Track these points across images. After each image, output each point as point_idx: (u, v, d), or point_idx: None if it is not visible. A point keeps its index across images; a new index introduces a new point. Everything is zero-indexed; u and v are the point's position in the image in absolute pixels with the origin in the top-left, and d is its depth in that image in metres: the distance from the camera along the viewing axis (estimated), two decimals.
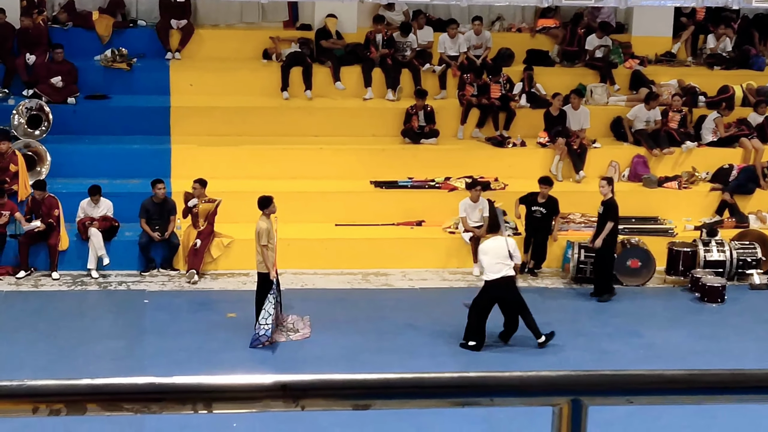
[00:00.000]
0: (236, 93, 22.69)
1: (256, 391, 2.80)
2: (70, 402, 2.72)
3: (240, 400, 2.81)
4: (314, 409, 2.82)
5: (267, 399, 2.78)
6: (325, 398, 2.81)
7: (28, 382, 2.72)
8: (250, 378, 2.79)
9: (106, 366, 15.02)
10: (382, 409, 2.88)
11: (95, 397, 2.73)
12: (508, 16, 25.73)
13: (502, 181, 21.35)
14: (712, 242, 19.84)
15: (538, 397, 2.90)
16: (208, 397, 2.78)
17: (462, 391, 2.88)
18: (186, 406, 2.76)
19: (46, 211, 19.01)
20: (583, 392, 2.85)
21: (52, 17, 23.61)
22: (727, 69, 24.80)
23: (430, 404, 2.91)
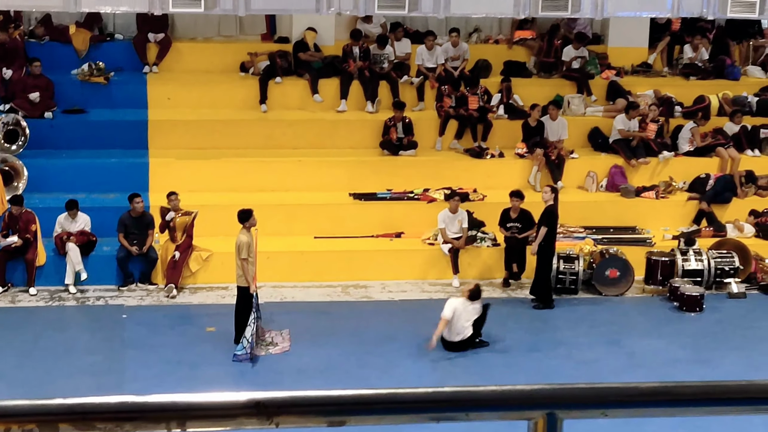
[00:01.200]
0: (214, 106, 22.66)
1: (230, 409, 2.78)
2: (43, 422, 2.71)
3: (214, 418, 2.80)
4: (289, 426, 2.81)
5: (241, 417, 2.77)
6: (300, 415, 2.80)
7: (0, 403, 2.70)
8: (224, 396, 2.78)
9: (85, 381, 14.96)
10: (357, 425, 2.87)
11: (68, 417, 2.72)
12: (485, 27, 25.78)
13: (481, 192, 21.38)
14: (690, 251, 19.90)
15: (513, 412, 2.90)
16: (182, 416, 2.76)
17: (437, 406, 2.87)
18: (160, 425, 2.75)
19: (23, 227, 18.93)
20: (558, 406, 2.85)
21: (28, 31, 23.53)
22: (702, 79, 24.90)
23: (405, 420, 2.90)
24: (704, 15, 19.22)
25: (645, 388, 2.92)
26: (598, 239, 20.74)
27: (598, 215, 21.48)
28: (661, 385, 2.93)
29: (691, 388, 2.97)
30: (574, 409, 2.89)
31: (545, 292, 18.87)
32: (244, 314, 16.20)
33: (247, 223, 16.66)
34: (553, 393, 2.89)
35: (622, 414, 2.98)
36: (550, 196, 18.87)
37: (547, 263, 18.87)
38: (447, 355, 16.51)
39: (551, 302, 18.88)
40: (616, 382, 2.92)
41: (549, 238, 18.72)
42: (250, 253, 16.40)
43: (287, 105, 23.07)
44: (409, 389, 2.84)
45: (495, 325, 17.81)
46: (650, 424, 13.63)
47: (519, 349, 16.97)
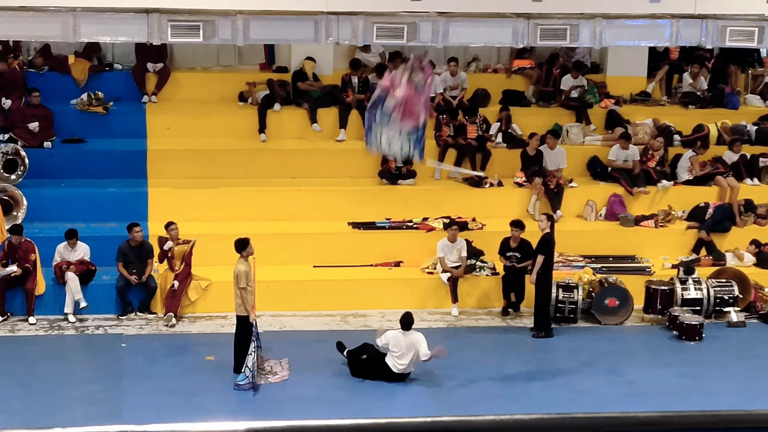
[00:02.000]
0: (213, 135, 22.69)
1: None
2: None
3: None
4: None
5: None
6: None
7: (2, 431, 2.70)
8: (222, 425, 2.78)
9: (84, 410, 14.93)
10: None
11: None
12: (483, 57, 25.84)
13: (480, 221, 21.39)
14: (689, 280, 19.89)
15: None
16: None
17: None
18: None
19: (22, 256, 18.93)
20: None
21: (27, 61, 23.59)
22: (701, 108, 24.95)
23: None
24: (703, 44, 19.26)
25: (643, 418, 2.92)
26: (597, 268, 20.73)
27: (597, 244, 21.48)
28: (659, 414, 2.93)
29: (690, 417, 2.97)
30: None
31: (545, 320, 18.85)
32: (243, 343, 16.17)
33: (245, 252, 16.68)
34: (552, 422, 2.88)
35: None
36: (546, 224, 18.89)
37: (545, 291, 18.85)
38: (446, 384, 16.47)
39: (551, 331, 18.85)
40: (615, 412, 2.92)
41: (546, 266, 18.71)
42: (248, 282, 16.40)
43: (286, 134, 23.10)
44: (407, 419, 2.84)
45: (494, 354, 17.81)
46: None
47: (518, 379, 16.94)
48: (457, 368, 17.16)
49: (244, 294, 16.34)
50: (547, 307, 18.93)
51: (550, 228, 18.85)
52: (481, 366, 17.27)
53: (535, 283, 18.82)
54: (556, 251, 19.77)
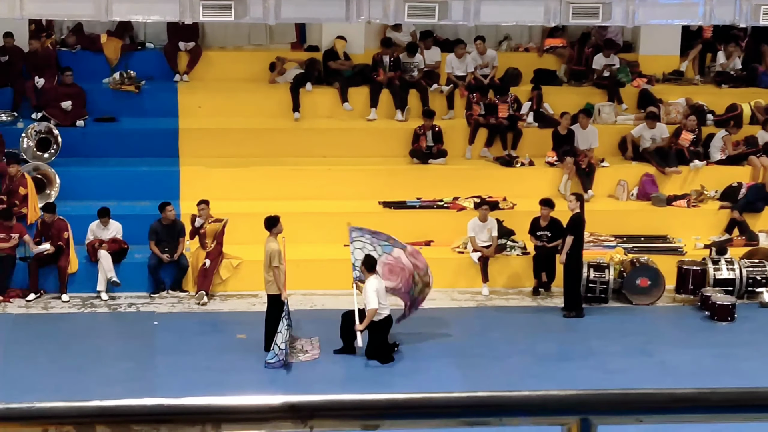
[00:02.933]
0: (244, 114, 22.72)
1: (265, 412, 2.80)
2: (80, 424, 2.72)
3: (249, 421, 2.81)
4: (323, 429, 2.82)
5: (276, 420, 2.78)
6: (334, 419, 2.81)
7: (37, 404, 2.72)
8: (259, 399, 2.79)
9: (116, 387, 15.02)
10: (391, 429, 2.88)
11: (105, 418, 2.74)
12: (515, 35, 25.74)
13: (511, 201, 21.35)
14: (721, 260, 19.80)
15: (547, 417, 2.90)
16: (217, 418, 2.78)
17: (471, 410, 2.87)
18: (195, 428, 2.76)
19: (55, 234, 19.03)
20: (593, 411, 2.84)
21: (60, 40, 23.68)
22: (735, 87, 24.78)
23: (439, 424, 2.90)
24: (736, 22, 19.15)
25: (680, 395, 2.91)
26: (629, 248, 20.65)
27: (629, 224, 21.41)
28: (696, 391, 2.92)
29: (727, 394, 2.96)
30: (609, 415, 2.88)
31: (575, 300, 18.82)
32: (274, 322, 16.23)
33: (275, 230, 16.73)
34: (588, 398, 2.88)
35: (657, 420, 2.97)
36: (575, 204, 18.82)
37: (575, 271, 18.81)
38: (476, 363, 16.49)
39: (581, 311, 18.82)
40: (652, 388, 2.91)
41: (576, 246, 18.66)
42: (280, 261, 16.44)
43: (317, 113, 23.11)
44: (443, 394, 2.84)
45: (524, 334, 17.80)
46: None
47: (549, 358, 16.93)
48: (487, 347, 17.18)
49: (276, 272, 16.39)
50: (577, 287, 18.89)
51: (580, 208, 18.79)
52: (512, 345, 17.27)
53: (564, 263, 18.78)
54: (588, 231, 19.72)
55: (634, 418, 2.91)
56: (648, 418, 2.95)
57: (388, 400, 2.83)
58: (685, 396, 2.90)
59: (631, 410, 2.89)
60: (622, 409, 2.88)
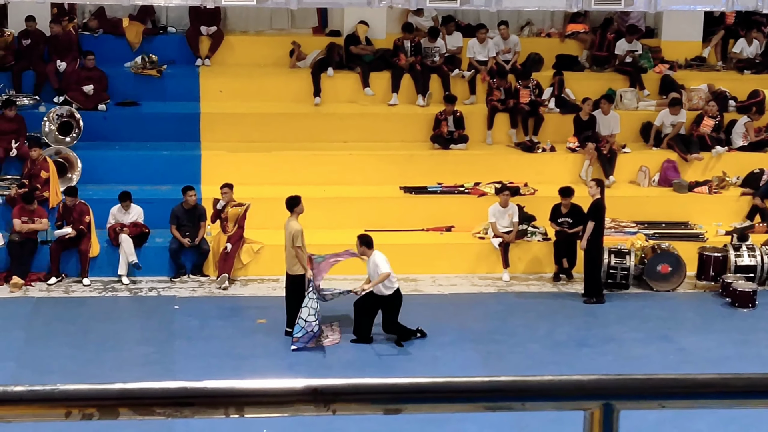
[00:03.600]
0: (266, 99, 22.75)
1: (288, 396, 2.80)
2: (103, 406, 2.74)
3: (271, 405, 2.82)
4: (345, 413, 2.82)
5: (298, 403, 2.79)
6: (357, 402, 2.82)
7: (60, 387, 2.73)
8: (282, 382, 2.80)
9: (137, 371, 15.09)
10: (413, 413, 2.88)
11: (127, 401, 2.75)
12: (537, 21, 25.69)
13: (532, 187, 21.33)
14: (742, 247, 19.74)
15: (569, 402, 2.90)
16: (240, 402, 2.79)
17: (493, 395, 2.88)
18: (218, 411, 2.77)
19: (77, 218, 19.09)
20: (615, 396, 2.84)
21: (82, 24, 23.74)
22: (757, 73, 24.67)
23: (461, 408, 2.90)
24: (759, 8, 19.04)
25: (702, 380, 2.91)
26: (650, 234, 20.61)
27: (650, 210, 21.36)
28: (718, 376, 2.92)
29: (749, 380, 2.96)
30: (631, 400, 2.89)
31: (595, 286, 18.79)
32: (296, 301, 16.29)
33: (296, 210, 16.80)
34: (610, 383, 2.88)
35: (679, 405, 2.97)
36: (596, 190, 18.77)
37: (596, 257, 18.78)
38: (496, 349, 16.50)
39: (602, 297, 18.79)
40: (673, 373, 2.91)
41: (597, 232, 18.62)
42: (302, 240, 16.49)
43: (338, 98, 23.12)
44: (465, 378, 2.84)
45: (545, 320, 17.78)
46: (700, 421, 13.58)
47: (569, 345, 16.93)
48: (507, 333, 17.18)
49: (300, 253, 16.44)
50: (597, 273, 18.86)
51: (600, 193, 18.74)
52: (532, 331, 17.27)
53: (585, 249, 18.75)
54: (609, 217, 19.69)
55: (657, 403, 2.91)
56: (670, 403, 2.95)
57: (410, 384, 2.84)
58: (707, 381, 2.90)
59: (654, 395, 2.89)
60: (645, 394, 2.88)
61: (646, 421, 12.72)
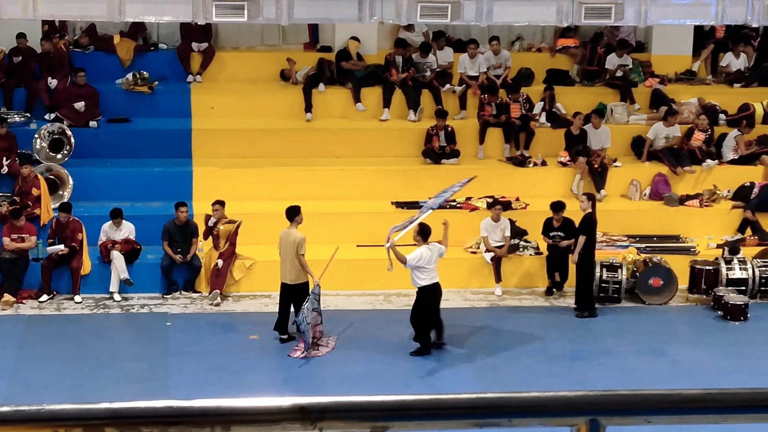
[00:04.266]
0: (257, 115, 22.76)
1: (275, 414, 2.81)
2: (89, 426, 2.74)
3: (258, 423, 2.82)
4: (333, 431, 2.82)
5: (285, 421, 2.80)
6: (343, 420, 2.82)
7: (47, 407, 2.73)
8: (268, 401, 2.80)
9: (129, 388, 15.06)
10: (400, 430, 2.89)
11: (114, 421, 2.75)
12: (527, 35, 25.74)
13: (523, 201, 21.35)
14: (734, 260, 19.76)
15: (556, 418, 2.90)
16: (227, 420, 2.79)
17: (480, 412, 2.88)
18: (204, 429, 2.78)
19: (70, 235, 19.07)
20: (601, 412, 2.85)
21: (73, 41, 23.74)
22: (747, 86, 24.74)
23: (448, 425, 2.91)
24: (748, 22, 19.09)
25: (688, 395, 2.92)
26: (642, 248, 20.63)
27: (642, 224, 21.39)
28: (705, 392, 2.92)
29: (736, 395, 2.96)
30: (617, 416, 2.89)
31: (588, 300, 18.80)
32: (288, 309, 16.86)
33: (298, 218, 17.04)
34: (596, 399, 2.89)
35: (666, 421, 2.97)
36: (587, 204, 18.80)
37: (588, 271, 18.79)
38: (489, 363, 16.49)
39: (594, 311, 18.81)
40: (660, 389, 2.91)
41: (589, 246, 18.64)
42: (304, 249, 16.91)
43: (330, 114, 23.14)
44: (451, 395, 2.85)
45: (538, 334, 17.78)
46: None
47: (562, 358, 16.93)
48: (500, 348, 17.17)
49: (303, 260, 16.74)
50: (590, 287, 18.87)
51: (592, 207, 18.77)
52: (525, 345, 17.27)
53: (577, 263, 18.77)
54: (600, 231, 19.71)
55: (643, 418, 2.92)
56: (656, 419, 2.95)
57: (397, 402, 2.84)
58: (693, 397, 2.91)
59: (639, 411, 2.90)
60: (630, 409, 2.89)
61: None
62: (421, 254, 16.56)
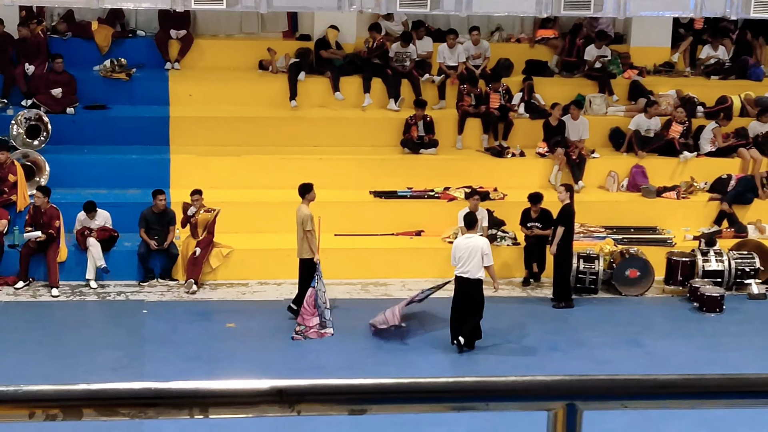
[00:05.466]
0: (235, 103, 22.70)
1: (253, 396, 2.80)
2: (67, 407, 2.73)
3: (236, 405, 2.82)
4: (310, 414, 2.82)
5: (263, 404, 2.79)
6: (321, 403, 2.82)
7: (24, 387, 2.72)
8: (247, 383, 2.80)
9: (105, 375, 15.02)
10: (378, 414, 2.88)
11: (91, 402, 2.74)
12: (507, 26, 25.75)
13: (501, 191, 21.37)
14: (710, 252, 19.84)
15: (532, 402, 2.91)
16: (205, 402, 2.78)
17: (457, 395, 2.89)
18: (182, 411, 2.77)
19: (47, 221, 18.97)
20: (578, 396, 2.86)
21: (51, 27, 23.62)
22: (724, 79, 24.83)
23: (425, 409, 2.91)
24: (727, 15, 19.15)
25: (665, 380, 2.93)
26: (619, 239, 20.70)
27: (619, 215, 21.45)
28: (681, 377, 2.94)
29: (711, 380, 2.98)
30: (594, 400, 2.90)
31: (565, 291, 18.85)
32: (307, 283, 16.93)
33: (308, 197, 17.38)
34: (573, 384, 2.90)
35: (642, 405, 2.98)
36: (565, 195, 18.83)
37: (565, 262, 18.84)
38: (466, 354, 16.50)
39: (571, 302, 18.85)
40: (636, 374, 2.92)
41: (566, 237, 18.68)
42: (312, 225, 17.06)
43: (309, 103, 23.10)
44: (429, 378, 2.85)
45: (515, 325, 17.81)
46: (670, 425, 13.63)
47: (539, 349, 16.96)
48: None
49: (310, 236, 17.03)
50: (567, 277, 18.92)
51: (570, 198, 18.81)
52: (502, 336, 17.29)
53: (554, 254, 18.80)
54: (578, 222, 19.75)
55: (619, 403, 2.93)
56: (633, 404, 2.96)
57: (375, 385, 2.84)
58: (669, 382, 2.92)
59: (616, 395, 2.91)
60: (607, 394, 2.90)
61: (616, 425, 12.76)
62: (457, 245, 16.61)
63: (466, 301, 16.45)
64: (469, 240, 16.47)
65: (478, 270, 16.29)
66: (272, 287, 19.16)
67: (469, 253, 16.29)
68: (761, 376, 2.97)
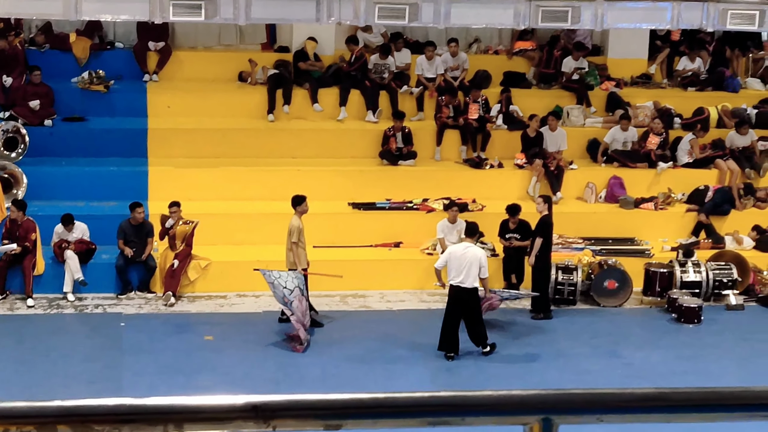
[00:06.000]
0: (214, 115, 22.68)
1: (228, 412, 2.80)
2: (41, 424, 2.72)
3: (211, 421, 2.81)
4: (286, 429, 2.82)
5: (238, 420, 2.79)
6: (297, 419, 2.82)
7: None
8: (222, 399, 2.80)
9: (83, 388, 14.95)
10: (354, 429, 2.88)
11: (66, 419, 2.73)
12: (485, 38, 25.81)
13: (480, 203, 21.39)
14: (688, 263, 19.90)
15: (508, 416, 2.91)
16: (179, 419, 2.78)
17: (433, 410, 2.88)
18: (157, 428, 2.76)
19: (23, 234, 18.89)
20: (554, 411, 2.86)
21: (28, 39, 23.55)
22: (701, 90, 24.95)
23: (401, 424, 2.91)
24: (704, 27, 19.27)
25: (640, 394, 2.93)
26: (597, 250, 20.75)
27: (597, 226, 21.50)
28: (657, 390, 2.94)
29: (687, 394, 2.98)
30: (570, 414, 2.90)
31: (543, 302, 18.87)
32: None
33: (300, 208, 17.44)
34: (549, 398, 2.90)
35: (618, 419, 2.98)
36: (543, 207, 18.87)
37: (544, 273, 18.86)
38: (446, 365, 16.51)
39: (549, 313, 18.88)
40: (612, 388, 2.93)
41: (545, 248, 18.71)
42: (300, 238, 17.04)
43: (287, 115, 23.07)
44: (405, 393, 2.85)
45: (493, 336, 17.80)
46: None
47: (517, 360, 16.96)
48: None
49: (295, 248, 17.04)
50: (545, 289, 18.94)
51: (548, 210, 18.84)
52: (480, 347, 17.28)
53: (533, 265, 18.83)
54: (556, 233, 19.78)
55: (595, 417, 2.93)
56: (609, 417, 2.96)
57: (350, 400, 2.84)
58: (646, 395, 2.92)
59: (592, 409, 2.91)
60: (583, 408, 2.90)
61: None
62: (451, 252, 16.63)
63: (459, 311, 16.47)
64: (467, 250, 16.48)
65: (474, 280, 16.37)
66: (251, 299, 19.12)
67: (468, 264, 16.31)
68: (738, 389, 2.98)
